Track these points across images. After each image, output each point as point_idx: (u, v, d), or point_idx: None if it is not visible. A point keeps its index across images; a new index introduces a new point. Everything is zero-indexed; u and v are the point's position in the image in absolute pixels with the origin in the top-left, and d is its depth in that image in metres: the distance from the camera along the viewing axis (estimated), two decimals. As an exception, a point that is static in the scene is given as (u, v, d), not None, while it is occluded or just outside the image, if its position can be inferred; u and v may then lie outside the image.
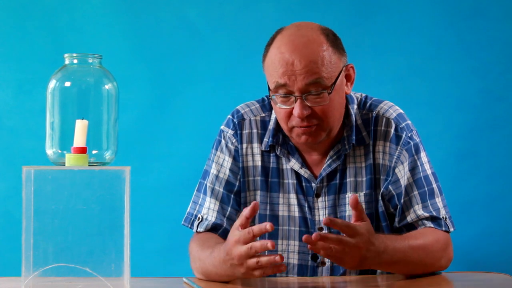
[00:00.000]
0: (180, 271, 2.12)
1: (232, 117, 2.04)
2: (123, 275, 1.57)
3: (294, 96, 1.84)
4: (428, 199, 1.93)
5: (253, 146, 2.01)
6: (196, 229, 1.98)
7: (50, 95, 1.61)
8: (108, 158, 1.62)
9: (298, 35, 1.87)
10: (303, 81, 1.83)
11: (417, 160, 1.95)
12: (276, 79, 1.84)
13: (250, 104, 2.06)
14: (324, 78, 1.84)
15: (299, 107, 1.84)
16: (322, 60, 1.84)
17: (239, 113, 2.04)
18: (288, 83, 1.83)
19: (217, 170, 2.01)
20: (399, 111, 1.99)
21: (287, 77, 1.83)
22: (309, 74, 1.83)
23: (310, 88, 1.84)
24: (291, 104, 1.85)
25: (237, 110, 2.05)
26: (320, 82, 1.83)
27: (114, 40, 2.80)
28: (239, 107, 2.05)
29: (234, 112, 2.05)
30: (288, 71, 1.83)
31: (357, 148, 1.97)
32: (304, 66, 1.82)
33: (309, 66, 1.83)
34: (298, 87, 1.83)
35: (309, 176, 1.97)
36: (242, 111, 2.04)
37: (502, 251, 2.75)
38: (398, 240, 1.79)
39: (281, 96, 1.86)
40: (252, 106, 2.05)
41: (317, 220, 1.97)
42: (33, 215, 1.56)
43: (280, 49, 1.85)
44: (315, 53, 1.84)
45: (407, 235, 1.84)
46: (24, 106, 2.80)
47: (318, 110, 1.85)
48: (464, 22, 2.77)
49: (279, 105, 1.87)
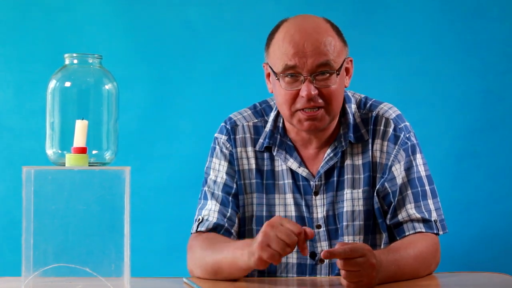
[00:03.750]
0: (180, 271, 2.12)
1: (225, 124, 2.08)
2: (123, 275, 1.57)
3: (303, 76, 1.87)
4: (421, 199, 1.95)
5: (247, 150, 2.04)
6: (196, 229, 1.98)
7: (50, 95, 1.61)
8: (108, 158, 1.62)
9: (306, 21, 1.93)
10: (313, 62, 1.87)
11: (413, 161, 1.98)
12: (286, 61, 1.89)
13: (243, 112, 2.09)
14: (332, 61, 1.89)
15: (307, 86, 1.87)
16: (330, 44, 1.90)
17: (232, 120, 2.08)
18: (298, 64, 1.88)
19: (214, 176, 2.04)
20: (398, 112, 2.03)
21: (298, 59, 1.88)
22: (318, 56, 1.88)
23: (319, 69, 1.88)
24: (298, 86, 1.89)
25: (229, 118, 2.09)
26: (328, 64, 1.89)
27: (114, 40, 2.80)
28: (232, 115, 2.09)
29: (227, 119, 2.09)
30: (299, 52, 1.88)
31: (355, 146, 1.99)
32: (315, 48, 1.88)
33: (319, 48, 1.88)
34: (308, 68, 1.88)
35: (307, 175, 1.99)
36: (235, 118, 2.08)
37: (502, 251, 2.75)
38: (390, 253, 1.80)
39: (289, 77, 1.89)
40: (245, 113, 2.09)
41: (315, 218, 1.99)
42: (33, 215, 1.56)
43: (290, 32, 1.90)
44: (324, 36, 1.90)
45: (398, 247, 1.85)
46: (24, 106, 2.79)
47: (325, 92, 1.90)
48: (464, 22, 2.77)
49: (285, 87, 1.90)
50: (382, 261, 1.74)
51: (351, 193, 1.97)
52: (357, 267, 1.67)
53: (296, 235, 1.68)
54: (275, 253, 1.67)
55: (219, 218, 1.98)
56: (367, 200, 1.97)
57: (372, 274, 1.69)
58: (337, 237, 1.98)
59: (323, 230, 1.98)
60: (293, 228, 1.68)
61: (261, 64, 2.02)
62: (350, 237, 1.97)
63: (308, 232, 1.69)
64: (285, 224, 1.69)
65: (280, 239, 1.67)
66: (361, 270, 1.67)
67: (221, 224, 1.98)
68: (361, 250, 1.68)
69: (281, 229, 1.68)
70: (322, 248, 1.98)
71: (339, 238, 1.98)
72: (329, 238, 1.98)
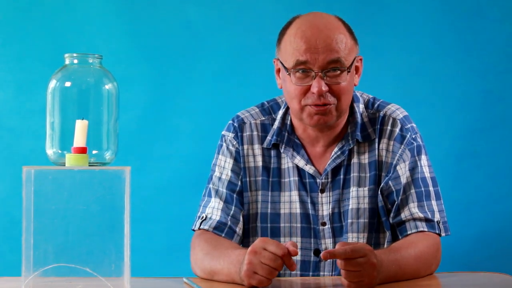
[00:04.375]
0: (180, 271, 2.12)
1: (233, 122, 2.08)
2: (123, 275, 1.57)
3: (314, 72, 1.88)
4: (424, 199, 1.95)
5: (254, 148, 2.04)
6: (199, 227, 1.99)
7: (50, 95, 1.61)
8: (108, 158, 1.62)
9: (318, 18, 1.95)
10: (324, 59, 1.89)
11: (417, 161, 1.98)
12: (298, 56, 1.90)
13: (250, 110, 2.10)
14: (343, 58, 1.90)
15: (318, 83, 1.89)
16: (341, 41, 1.91)
17: (239, 117, 2.08)
18: (309, 60, 1.89)
19: (219, 173, 2.05)
20: (405, 113, 2.04)
21: (310, 54, 1.89)
22: (330, 52, 1.89)
23: (330, 66, 1.89)
24: (309, 81, 1.90)
25: (237, 115, 2.09)
26: (340, 61, 1.90)
27: (114, 40, 2.80)
28: (239, 113, 2.10)
29: (234, 117, 2.09)
30: (311, 48, 1.89)
31: (362, 145, 2.00)
32: (327, 45, 1.89)
33: (331, 45, 1.89)
34: (319, 64, 1.89)
35: (314, 172, 2.00)
36: (242, 116, 2.09)
37: (502, 251, 2.75)
38: (391, 253, 1.80)
39: (300, 72, 1.90)
40: (252, 111, 2.09)
41: (321, 215, 2.00)
42: (33, 215, 1.56)
43: (302, 28, 1.92)
44: (336, 33, 1.91)
45: (399, 246, 1.85)
46: (24, 106, 2.79)
47: (336, 89, 1.91)
48: (464, 22, 2.77)
49: (296, 82, 1.91)
50: (383, 261, 1.74)
51: (356, 191, 1.98)
52: (358, 267, 1.67)
53: (280, 257, 1.67)
54: (263, 279, 1.68)
55: (222, 216, 1.99)
56: (372, 199, 1.98)
57: (373, 274, 1.68)
58: (342, 234, 1.98)
59: (328, 228, 1.98)
60: (276, 251, 1.67)
61: (261, 64, 2.03)
62: (355, 234, 1.97)
63: (292, 251, 1.67)
64: (268, 248, 1.68)
65: (264, 264, 1.68)
66: (362, 270, 1.67)
67: (224, 222, 1.98)
68: (362, 250, 1.68)
69: (265, 254, 1.68)
70: (326, 246, 1.98)
71: (343, 235, 1.98)
72: (333, 235, 1.98)
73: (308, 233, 2.00)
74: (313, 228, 2.00)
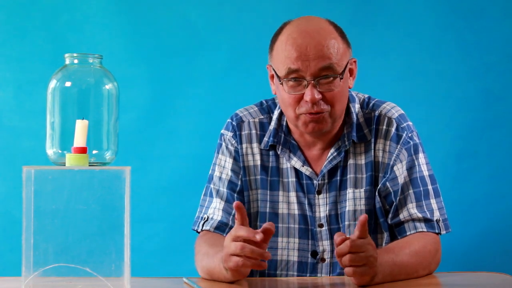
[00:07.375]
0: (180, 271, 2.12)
1: (231, 120, 2.08)
2: (123, 275, 1.57)
3: (306, 80, 1.87)
4: (423, 199, 1.95)
5: (253, 146, 2.04)
6: (202, 228, 1.99)
7: (51, 95, 1.61)
8: (108, 158, 1.62)
9: (309, 24, 1.92)
10: (316, 66, 1.86)
11: (415, 160, 1.97)
12: (289, 64, 1.88)
13: (249, 108, 2.09)
14: (335, 64, 1.88)
15: (311, 91, 1.87)
16: (333, 46, 1.88)
17: (238, 116, 2.08)
18: (301, 68, 1.87)
19: (219, 172, 2.05)
20: (401, 112, 2.03)
21: (301, 62, 1.86)
22: (322, 59, 1.87)
23: (322, 73, 1.87)
24: (302, 90, 1.89)
25: (235, 114, 2.09)
26: (332, 68, 1.87)
27: (114, 40, 2.80)
28: (238, 111, 2.09)
29: (233, 115, 2.09)
30: (302, 55, 1.86)
31: (358, 146, 1.99)
32: (318, 51, 1.87)
33: (322, 52, 1.87)
34: (311, 72, 1.87)
35: (310, 174, 1.99)
36: (241, 114, 2.08)
37: (502, 251, 2.75)
38: (386, 253, 1.79)
39: (292, 81, 1.88)
40: (251, 109, 2.09)
41: (318, 216, 1.99)
42: (33, 215, 1.56)
43: (293, 35, 1.89)
44: (327, 39, 1.88)
45: (394, 247, 1.85)
46: (24, 106, 2.80)
47: (329, 96, 1.89)
48: (464, 22, 2.77)
49: (288, 91, 1.89)
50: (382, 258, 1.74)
51: (353, 193, 1.98)
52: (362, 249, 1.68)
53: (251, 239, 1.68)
54: (238, 258, 1.68)
55: (224, 216, 1.99)
56: (369, 200, 1.97)
57: (373, 266, 1.69)
58: (339, 236, 1.98)
59: (325, 229, 1.98)
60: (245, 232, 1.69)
61: (261, 64, 2.02)
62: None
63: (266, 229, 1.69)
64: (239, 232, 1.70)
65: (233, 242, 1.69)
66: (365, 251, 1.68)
67: (225, 222, 1.99)
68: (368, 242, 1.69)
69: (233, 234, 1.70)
70: (323, 247, 1.98)
71: (340, 238, 1.98)
72: (331, 237, 1.98)
73: (305, 234, 2.00)
74: (310, 230, 1.99)
